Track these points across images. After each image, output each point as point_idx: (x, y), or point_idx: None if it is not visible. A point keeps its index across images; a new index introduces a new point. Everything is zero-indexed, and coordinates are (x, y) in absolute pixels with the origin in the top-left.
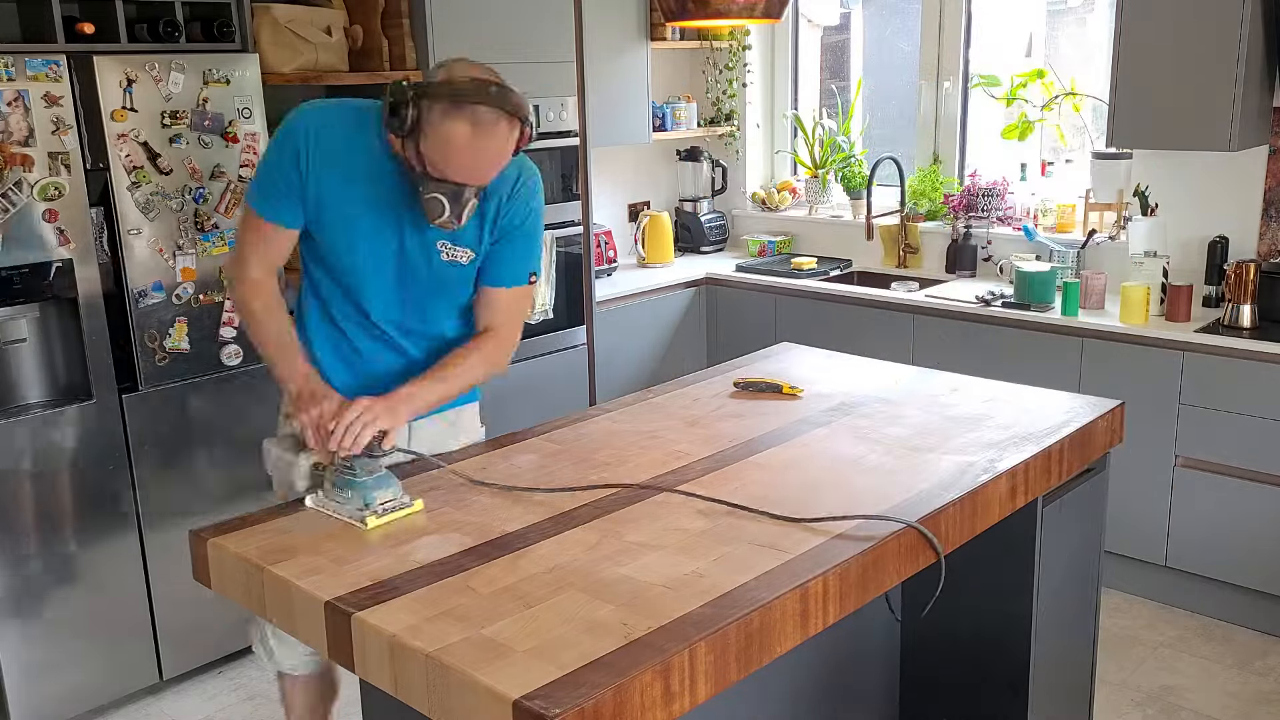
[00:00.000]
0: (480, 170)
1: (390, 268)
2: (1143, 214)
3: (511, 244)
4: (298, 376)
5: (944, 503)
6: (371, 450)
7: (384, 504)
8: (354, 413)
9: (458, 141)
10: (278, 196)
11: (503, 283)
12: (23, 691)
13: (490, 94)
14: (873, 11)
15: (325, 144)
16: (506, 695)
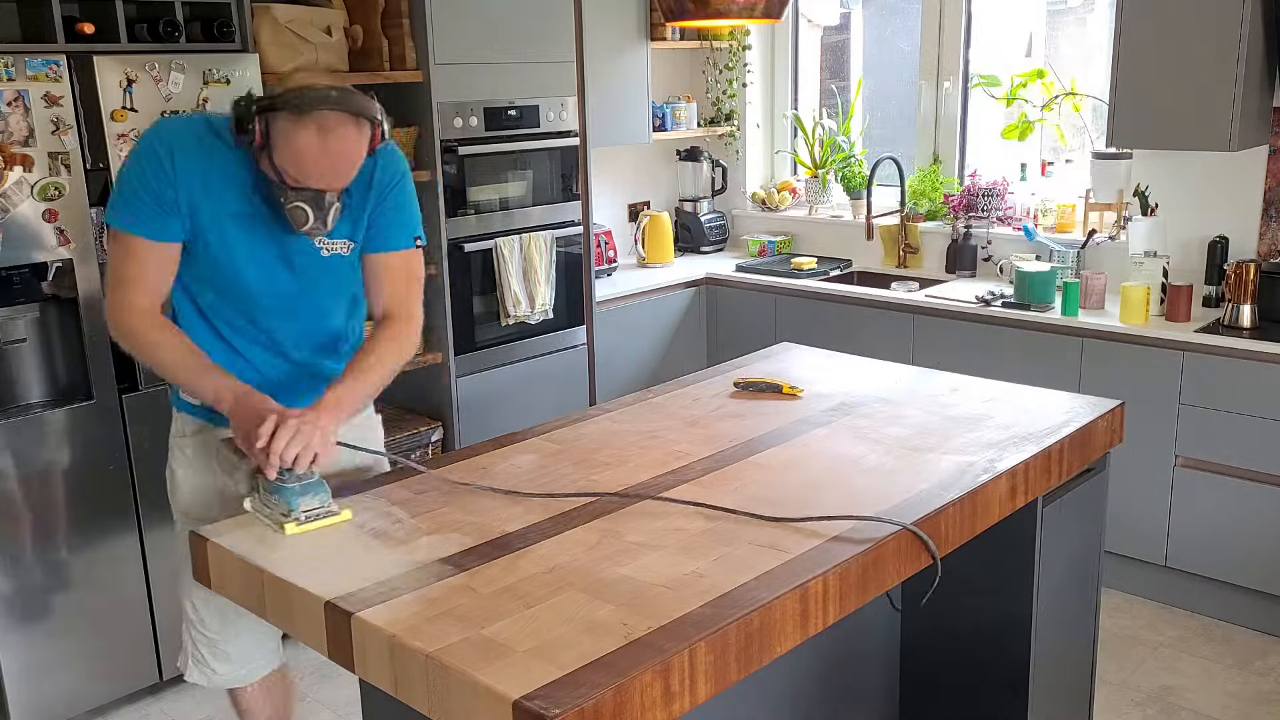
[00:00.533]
0: (337, 174)
1: (277, 270)
2: (1143, 214)
3: (385, 214)
4: (226, 393)
5: (944, 503)
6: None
7: (307, 511)
8: (285, 437)
9: (309, 150)
10: (154, 213)
11: (387, 246)
12: (23, 691)
13: (331, 98)
14: (873, 11)
15: (187, 158)
16: (506, 695)
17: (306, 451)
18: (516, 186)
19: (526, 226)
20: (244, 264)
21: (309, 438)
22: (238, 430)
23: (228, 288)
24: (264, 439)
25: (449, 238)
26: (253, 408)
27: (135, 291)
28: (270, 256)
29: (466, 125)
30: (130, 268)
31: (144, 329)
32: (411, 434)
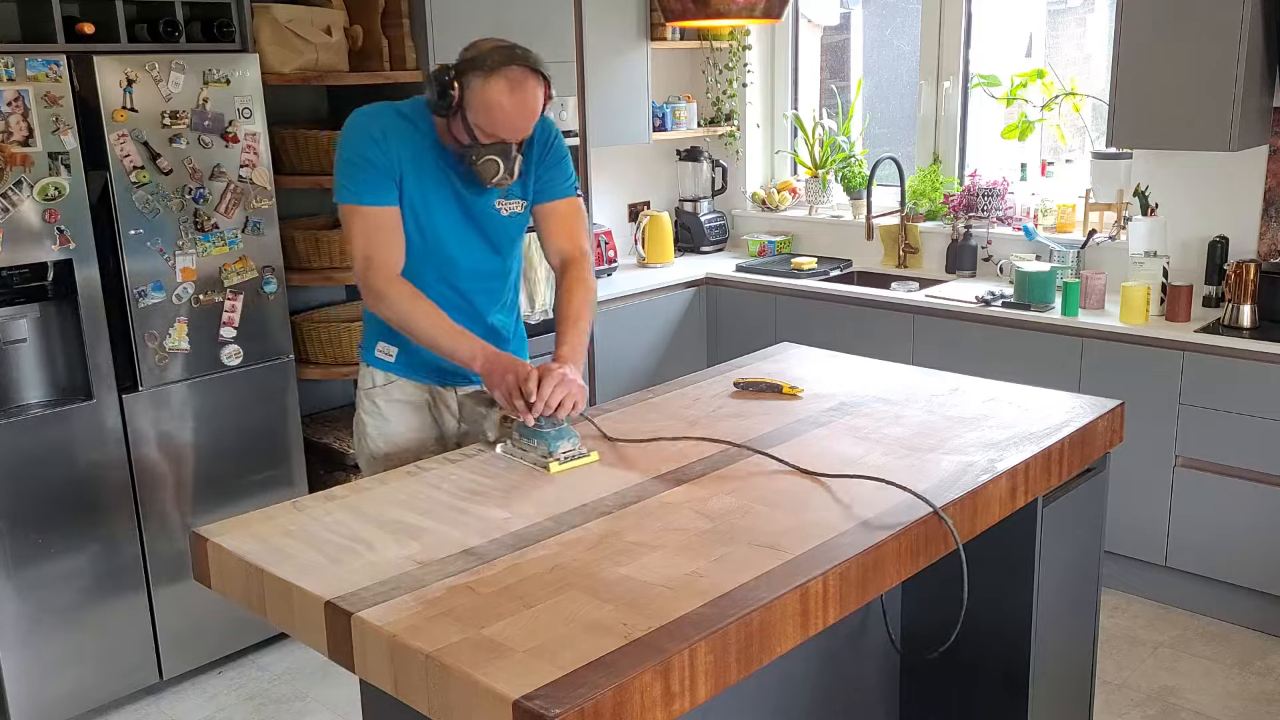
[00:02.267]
0: (523, 124)
1: (469, 233)
2: (1143, 214)
3: (549, 170)
4: (479, 352)
5: (944, 503)
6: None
7: (565, 453)
8: (550, 386)
9: (500, 101)
10: (378, 182)
11: (557, 195)
12: (23, 691)
13: (517, 55)
14: (873, 11)
15: (394, 134)
16: (506, 695)
17: (569, 399)
18: None
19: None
20: (443, 229)
21: (569, 387)
22: (491, 384)
23: (429, 253)
24: (534, 390)
25: None
26: (505, 364)
27: (388, 258)
28: (461, 221)
29: None
30: (375, 237)
31: (403, 295)
32: None
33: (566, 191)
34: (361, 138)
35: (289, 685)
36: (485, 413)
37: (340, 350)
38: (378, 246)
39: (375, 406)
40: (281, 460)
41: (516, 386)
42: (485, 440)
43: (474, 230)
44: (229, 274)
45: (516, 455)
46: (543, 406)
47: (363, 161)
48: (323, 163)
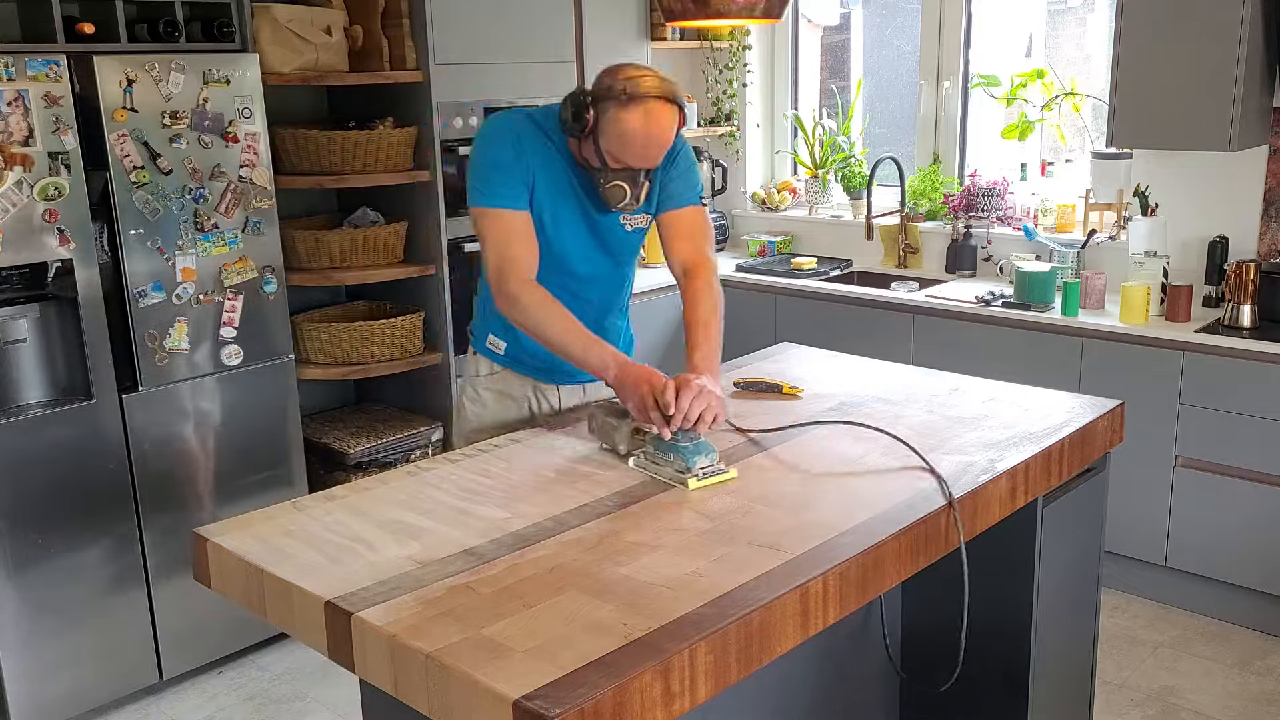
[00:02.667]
0: (652, 154)
1: (591, 244)
2: (1143, 214)
3: (675, 179)
4: (612, 361)
5: (944, 503)
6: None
7: (704, 469)
8: (688, 398)
9: (634, 132)
10: (514, 187)
11: (684, 202)
12: (23, 691)
13: (655, 86)
14: (873, 11)
15: (529, 142)
16: (506, 695)
17: (709, 412)
18: None
19: None
20: (567, 238)
21: (709, 399)
22: (625, 394)
23: (553, 261)
24: (671, 403)
25: (449, 238)
26: (640, 375)
27: (523, 262)
28: (585, 232)
29: (466, 125)
30: (512, 242)
31: (539, 302)
32: (411, 434)
33: (690, 200)
34: (498, 143)
35: (289, 685)
36: (617, 424)
37: (340, 350)
38: (512, 250)
39: (477, 394)
40: (281, 460)
41: (652, 398)
42: (616, 453)
43: (597, 242)
44: (229, 274)
45: (650, 470)
46: (681, 419)
47: (499, 166)
48: (323, 163)
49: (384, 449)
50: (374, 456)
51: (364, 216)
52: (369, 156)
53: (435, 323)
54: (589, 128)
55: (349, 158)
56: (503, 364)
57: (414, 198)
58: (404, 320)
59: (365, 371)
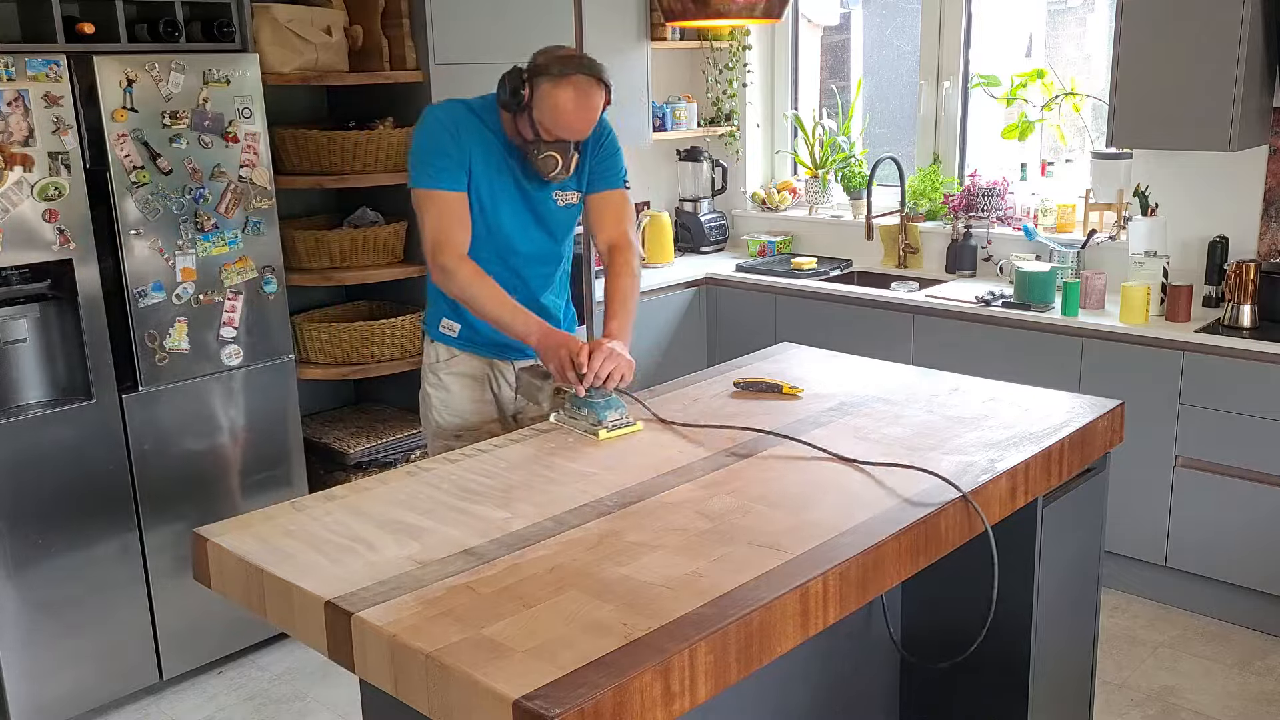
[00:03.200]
0: (583, 127)
1: (528, 221)
2: (1143, 214)
3: (601, 163)
4: (534, 328)
5: (944, 503)
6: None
7: (613, 421)
8: (599, 359)
9: (565, 106)
10: (451, 170)
11: (609, 185)
12: (23, 691)
13: (584, 65)
14: (873, 11)
15: (465, 128)
16: (506, 695)
17: (617, 371)
18: None
19: None
20: (505, 216)
21: (618, 360)
22: (546, 357)
23: (491, 238)
24: (584, 363)
25: None
26: (559, 340)
27: (457, 239)
28: (522, 210)
29: None
30: (447, 220)
31: (470, 275)
32: (411, 434)
33: (616, 184)
34: (437, 129)
35: (289, 685)
36: (540, 385)
37: (340, 350)
38: (448, 228)
39: (439, 380)
40: (281, 460)
41: (569, 360)
42: (540, 410)
43: (533, 218)
44: (229, 274)
45: (568, 423)
46: (592, 378)
47: (438, 151)
48: (323, 162)
49: (384, 449)
50: (374, 456)
51: (364, 216)
52: (369, 156)
53: None
54: (525, 102)
55: (349, 158)
56: (459, 347)
57: None
58: (404, 320)
59: (365, 371)
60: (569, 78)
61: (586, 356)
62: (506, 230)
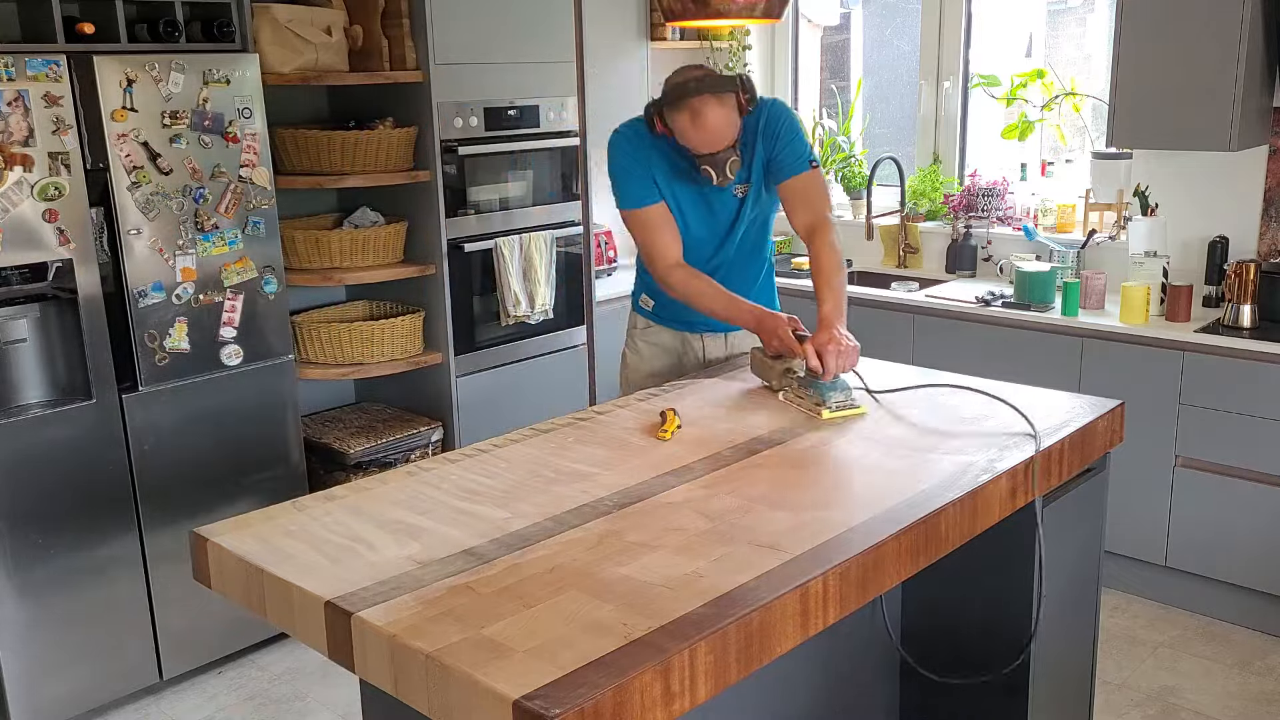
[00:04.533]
0: (713, 142)
1: (707, 215)
2: (1143, 214)
3: (778, 147)
4: (751, 315)
5: (944, 503)
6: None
7: (837, 403)
8: (832, 357)
9: (686, 130)
10: (645, 188)
11: (793, 171)
12: (23, 691)
13: (690, 88)
14: (873, 11)
15: (642, 146)
16: (506, 695)
17: (845, 361)
18: (516, 186)
19: (526, 226)
20: (690, 215)
21: (847, 352)
22: (767, 340)
23: (685, 239)
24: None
25: (449, 238)
26: (775, 322)
27: (670, 250)
28: (702, 206)
29: (466, 125)
30: (650, 233)
31: (688, 278)
32: (411, 434)
33: (800, 167)
34: (618, 153)
35: (289, 685)
36: (771, 364)
37: (340, 350)
38: (653, 240)
39: (635, 345)
40: (281, 460)
41: (788, 336)
42: (771, 388)
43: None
44: (229, 274)
45: (794, 401)
46: (830, 376)
47: (624, 173)
48: (322, 163)
49: (384, 449)
50: (374, 456)
51: (364, 216)
52: (369, 156)
53: (435, 323)
54: (663, 133)
55: (349, 158)
56: (655, 320)
57: (414, 198)
58: (404, 320)
59: (365, 371)
60: (684, 103)
61: (813, 351)
62: (692, 227)
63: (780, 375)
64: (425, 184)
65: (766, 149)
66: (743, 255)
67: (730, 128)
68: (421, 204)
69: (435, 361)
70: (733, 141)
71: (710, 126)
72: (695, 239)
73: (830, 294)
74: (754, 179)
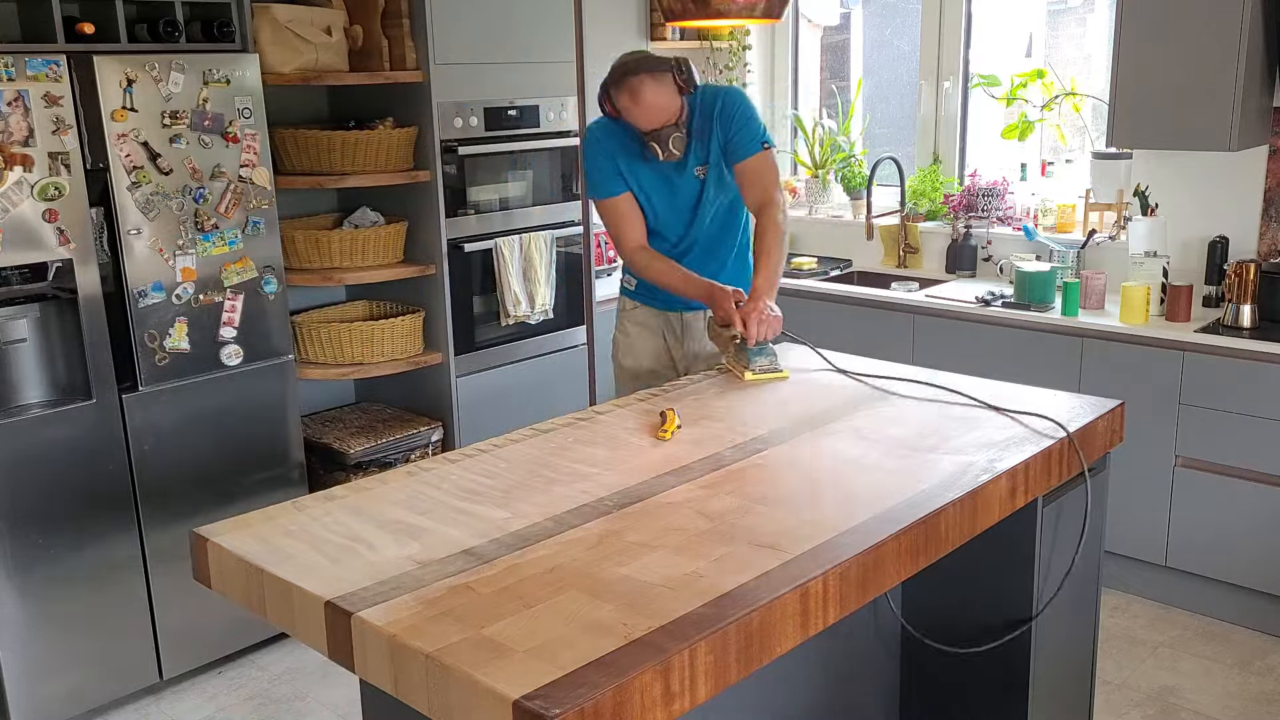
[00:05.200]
0: (654, 117)
1: (671, 196)
2: (1143, 214)
3: (732, 130)
4: (704, 289)
5: (944, 503)
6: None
7: (760, 366)
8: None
9: (627, 107)
10: (610, 179)
11: (746, 153)
12: (23, 691)
13: (627, 66)
14: (873, 11)
15: (608, 139)
16: (506, 695)
17: (766, 329)
18: (516, 186)
19: (526, 226)
20: (654, 197)
21: (767, 320)
22: (717, 310)
23: (651, 218)
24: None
25: (449, 238)
26: (724, 295)
27: (628, 235)
28: (665, 188)
29: (466, 125)
30: (616, 221)
31: (649, 260)
32: (411, 434)
33: (752, 149)
34: (588, 147)
35: (289, 685)
36: (721, 331)
37: (340, 350)
38: (618, 227)
39: (624, 327)
40: (281, 460)
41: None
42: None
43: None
44: (229, 274)
45: (730, 365)
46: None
47: (593, 165)
48: (322, 163)
49: (384, 449)
50: (374, 456)
51: (364, 216)
52: (369, 156)
53: (435, 323)
54: (612, 113)
55: (349, 158)
56: (638, 299)
57: (414, 198)
58: (404, 320)
59: (365, 371)
60: (624, 82)
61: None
62: (657, 209)
63: (726, 341)
64: (425, 184)
65: (724, 132)
66: (711, 235)
67: (667, 105)
68: (421, 204)
69: (435, 361)
70: (673, 119)
71: (647, 104)
72: (662, 221)
73: (765, 268)
74: (712, 160)
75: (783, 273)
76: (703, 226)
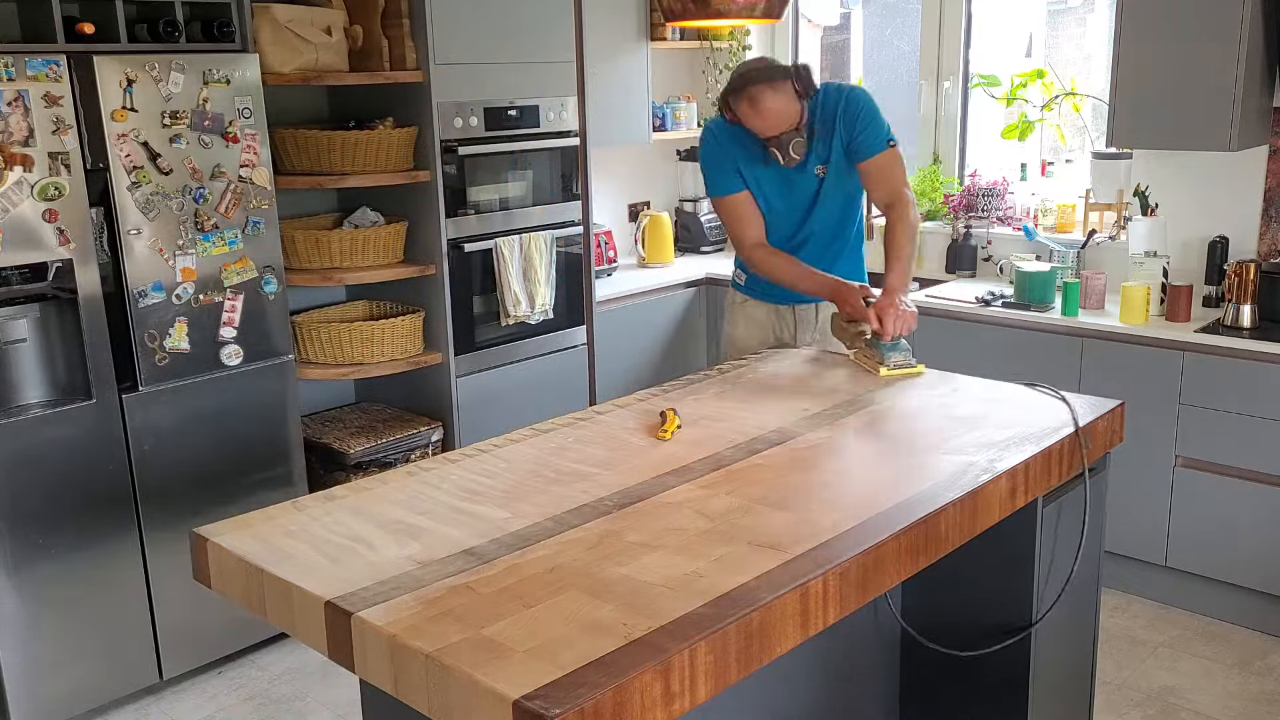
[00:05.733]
0: (775, 124)
1: (790, 195)
2: (1143, 214)
3: (856, 130)
4: (828, 285)
5: (944, 503)
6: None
7: (895, 362)
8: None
9: (747, 116)
10: (730, 177)
11: (871, 151)
12: (23, 691)
13: (748, 75)
14: (873, 11)
15: (726, 139)
16: (506, 695)
17: (902, 325)
18: (516, 186)
19: (526, 226)
20: (771, 195)
21: (903, 316)
22: (841, 306)
23: (770, 217)
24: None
25: (449, 238)
26: (851, 291)
27: (747, 232)
28: (783, 186)
29: (466, 125)
30: (735, 219)
31: (768, 256)
32: (411, 434)
33: (877, 147)
34: (705, 147)
35: (289, 685)
36: (847, 327)
37: (340, 350)
38: (737, 225)
39: (733, 318)
40: (281, 460)
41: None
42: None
43: (791, 192)
44: (229, 274)
45: (862, 361)
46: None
47: (711, 164)
48: (322, 162)
49: (384, 449)
50: (374, 456)
51: (364, 216)
52: (369, 156)
53: (435, 323)
54: (733, 121)
55: (349, 158)
56: (748, 294)
57: (414, 198)
58: (404, 320)
59: (365, 371)
60: (743, 92)
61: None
62: (775, 207)
63: (854, 337)
64: (425, 184)
65: (847, 132)
66: (827, 230)
67: (787, 112)
68: (421, 204)
69: (435, 361)
70: (794, 125)
71: (766, 111)
72: (778, 216)
73: (897, 265)
74: (834, 159)
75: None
76: (819, 221)
